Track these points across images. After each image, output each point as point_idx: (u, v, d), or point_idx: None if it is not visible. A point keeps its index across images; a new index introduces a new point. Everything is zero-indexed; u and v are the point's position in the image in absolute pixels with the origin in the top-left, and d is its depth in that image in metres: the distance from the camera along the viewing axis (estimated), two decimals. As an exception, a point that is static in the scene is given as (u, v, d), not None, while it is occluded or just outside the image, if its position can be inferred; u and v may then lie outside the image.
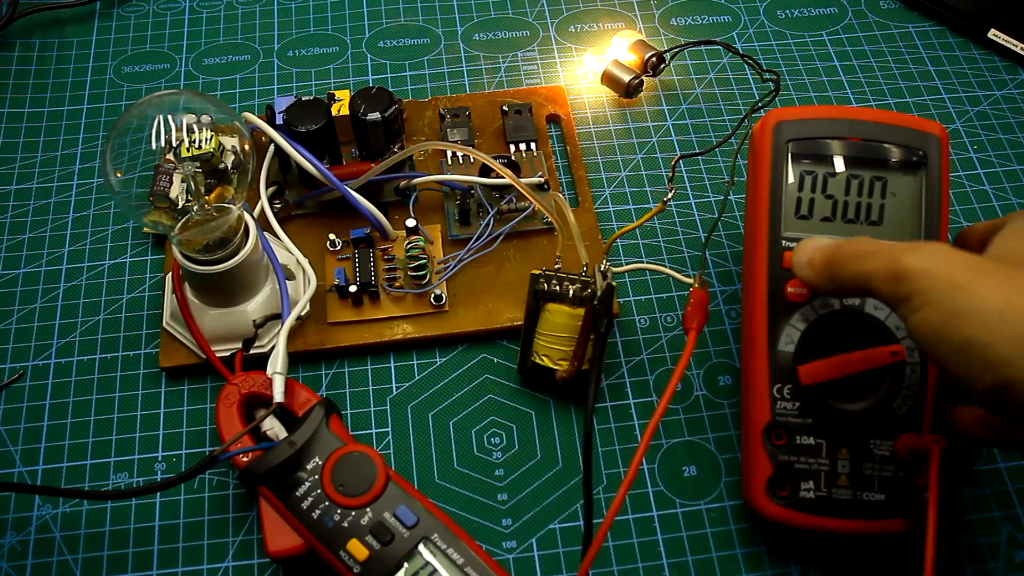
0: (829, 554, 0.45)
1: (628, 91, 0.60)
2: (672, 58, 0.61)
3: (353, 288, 0.50)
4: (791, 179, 0.44)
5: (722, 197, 0.56)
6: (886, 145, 0.44)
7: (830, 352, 0.42)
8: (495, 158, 0.51)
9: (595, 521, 0.41)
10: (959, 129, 0.60)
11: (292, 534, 0.41)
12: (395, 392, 0.50)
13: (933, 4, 0.66)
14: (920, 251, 0.35)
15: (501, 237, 0.52)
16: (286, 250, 0.52)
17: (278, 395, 0.44)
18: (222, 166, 0.44)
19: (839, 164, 0.44)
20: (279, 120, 0.52)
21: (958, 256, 0.35)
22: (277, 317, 0.49)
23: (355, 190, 0.51)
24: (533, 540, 0.45)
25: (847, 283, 0.38)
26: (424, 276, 0.51)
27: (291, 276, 0.50)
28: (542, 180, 0.54)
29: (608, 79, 0.61)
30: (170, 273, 0.50)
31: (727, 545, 0.45)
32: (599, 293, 0.45)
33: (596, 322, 0.45)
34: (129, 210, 0.45)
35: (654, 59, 0.61)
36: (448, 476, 0.47)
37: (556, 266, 0.48)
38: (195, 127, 0.44)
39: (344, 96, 0.53)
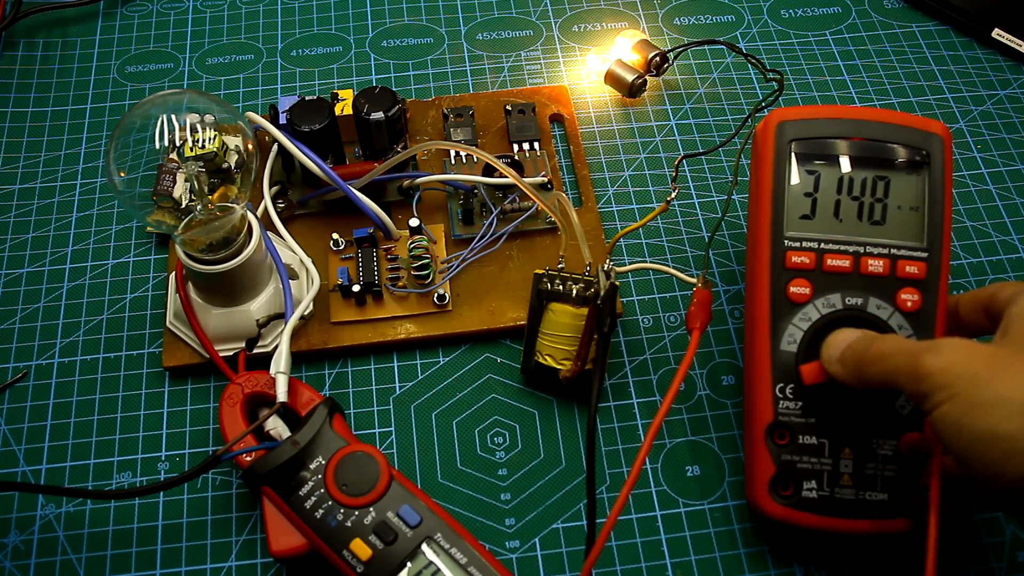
0: (832, 554, 0.45)
1: (631, 91, 0.60)
2: (675, 58, 0.61)
3: (356, 288, 0.50)
4: (794, 179, 0.44)
5: (725, 197, 0.56)
6: (889, 145, 0.44)
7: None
8: (498, 158, 0.51)
9: (598, 521, 0.41)
10: (963, 129, 0.60)
11: (295, 534, 0.41)
12: (398, 392, 0.50)
13: (937, 3, 0.66)
14: (938, 349, 0.36)
15: (504, 237, 0.52)
16: (289, 250, 0.52)
17: (281, 395, 0.44)
18: (225, 165, 0.44)
19: (842, 164, 0.44)
20: (282, 119, 0.52)
21: (976, 349, 0.36)
22: (280, 317, 0.49)
23: (358, 190, 0.51)
24: (536, 540, 0.45)
25: (875, 382, 0.39)
26: (427, 276, 0.51)
27: (294, 276, 0.50)
28: (545, 180, 0.54)
29: (611, 79, 0.61)
30: (173, 272, 0.51)
31: (730, 545, 0.45)
32: (602, 293, 0.45)
33: (599, 322, 0.45)
34: (132, 210, 0.45)
35: (657, 59, 0.61)
36: (451, 476, 0.47)
37: (559, 266, 0.48)
38: (198, 127, 0.44)
39: (347, 96, 0.53)
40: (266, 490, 0.42)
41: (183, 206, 0.44)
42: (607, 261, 0.46)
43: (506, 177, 0.50)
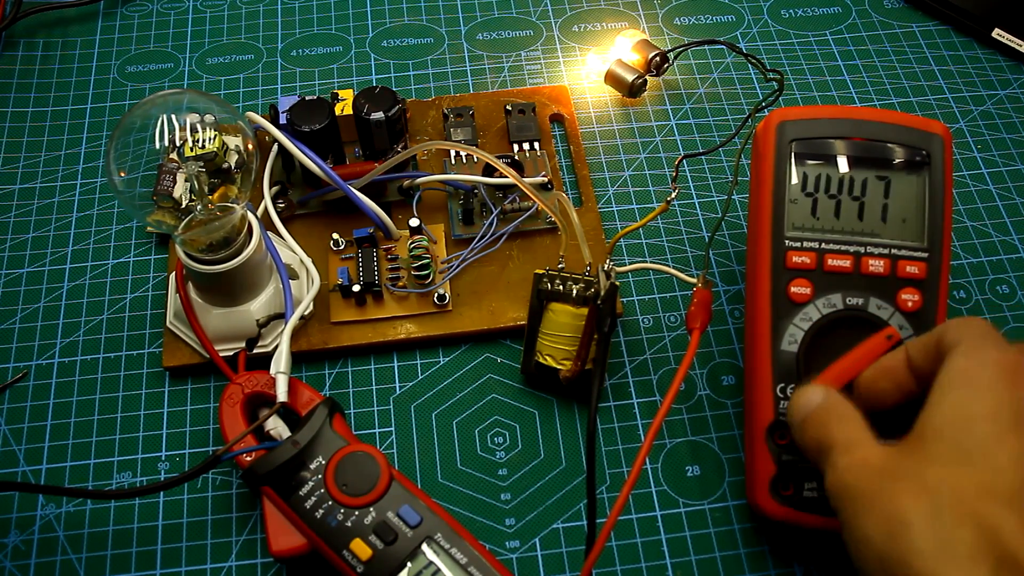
0: (832, 554, 0.45)
1: (632, 91, 0.60)
2: (676, 58, 0.61)
3: (356, 288, 0.50)
4: (794, 179, 0.44)
5: (725, 197, 0.56)
6: (889, 145, 0.44)
7: (834, 352, 0.42)
8: (498, 158, 0.51)
9: (598, 521, 0.41)
10: (963, 129, 0.60)
11: (295, 534, 0.41)
12: (398, 392, 0.50)
13: (937, 3, 0.66)
14: (835, 464, 0.35)
15: (504, 237, 0.52)
16: (289, 249, 0.52)
17: (281, 395, 0.44)
18: (225, 165, 0.44)
19: (842, 164, 0.44)
20: (283, 119, 0.52)
21: (865, 464, 0.34)
22: (280, 317, 0.49)
23: (358, 189, 0.51)
24: (536, 540, 0.45)
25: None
26: (427, 276, 0.51)
27: (294, 275, 0.50)
28: (545, 180, 0.54)
29: (612, 79, 0.61)
30: (173, 272, 0.51)
31: (730, 545, 0.45)
32: (602, 293, 0.45)
33: (600, 322, 0.45)
34: (133, 210, 0.45)
35: (658, 59, 0.61)
36: (451, 476, 0.47)
37: (559, 266, 0.48)
38: (199, 127, 0.44)
39: (348, 95, 0.53)
40: (266, 490, 0.42)
41: (183, 206, 0.44)
42: (607, 261, 0.46)
43: (506, 177, 0.50)
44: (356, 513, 0.41)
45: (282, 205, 0.54)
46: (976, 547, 0.30)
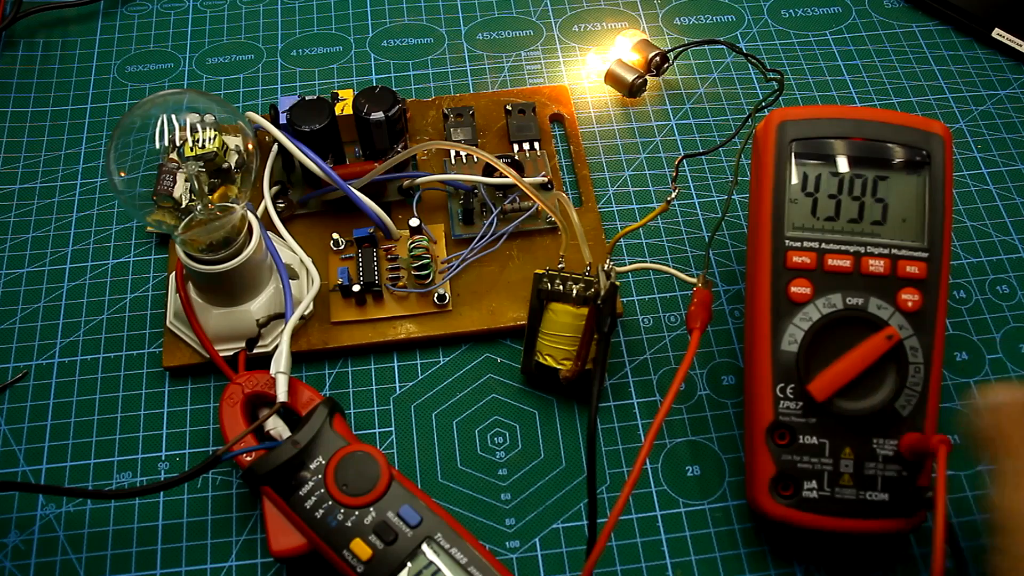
0: (832, 554, 0.45)
1: (632, 91, 0.60)
2: (676, 57, 0.61)
3: (356, 288, 0.50)
4: (794, 179, 0.44)
5: (726, 197, 0.56)
6: (889, 145, 0.44)
7: (834, 352, 0.42)
8: (498, 157, 0.51)
9: (599, 521, 0.41)
10: (963, 129, 0.60)
11: (295, 533, 0.41)
12: (398, 392, 0.50)
13: (937, 3, 0.66)
14: (1020, 483, 0.33)
15: (505, 237, 0.52)
16: (289, 249, 0.52)
17: (281, 394, 0.44)
18: (226, 165, 0.44)
19: (842, 164, 0.44)
20: (283, 119, 0.52)
21: None
22: (280, 316, 0.49)
23: (358, 189, 0.51)
24: (536, 540, 0.45)
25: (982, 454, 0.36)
26: (427, 276, 0.51)
27: (295, 275, 0.50)
28: (545, 180, 0.54)
29: (612, 79, 0.61)
30: (174, 272, 0.51)
31: (731, 545, 0.45)
32: (602, 293, 0.45)
33: (600, 322, 0.45)
34: (133, 210, 0.45)
35: (658, 58, 0.61)
36: (451, 476, 0.47)
37: (559, 266, 0.48)
38: (199, 126, 0.44)
39: (348, 95, 0.53)
40: (266, 490, 0.42)
41: (183, 206, 0.44)
42: (607, 261, 0.46)
43: (506, 177, 0.50)
44: (356, 513, 0.41)
45: (282, 205, 0.54)
46: None
